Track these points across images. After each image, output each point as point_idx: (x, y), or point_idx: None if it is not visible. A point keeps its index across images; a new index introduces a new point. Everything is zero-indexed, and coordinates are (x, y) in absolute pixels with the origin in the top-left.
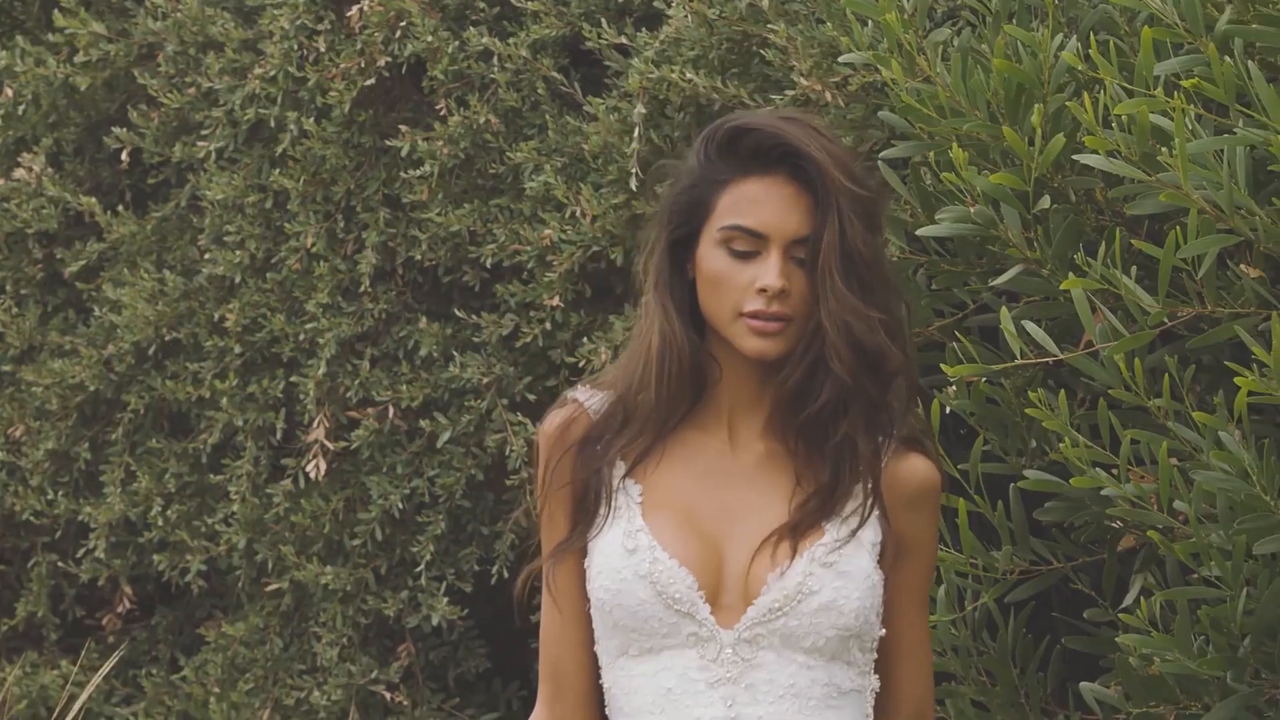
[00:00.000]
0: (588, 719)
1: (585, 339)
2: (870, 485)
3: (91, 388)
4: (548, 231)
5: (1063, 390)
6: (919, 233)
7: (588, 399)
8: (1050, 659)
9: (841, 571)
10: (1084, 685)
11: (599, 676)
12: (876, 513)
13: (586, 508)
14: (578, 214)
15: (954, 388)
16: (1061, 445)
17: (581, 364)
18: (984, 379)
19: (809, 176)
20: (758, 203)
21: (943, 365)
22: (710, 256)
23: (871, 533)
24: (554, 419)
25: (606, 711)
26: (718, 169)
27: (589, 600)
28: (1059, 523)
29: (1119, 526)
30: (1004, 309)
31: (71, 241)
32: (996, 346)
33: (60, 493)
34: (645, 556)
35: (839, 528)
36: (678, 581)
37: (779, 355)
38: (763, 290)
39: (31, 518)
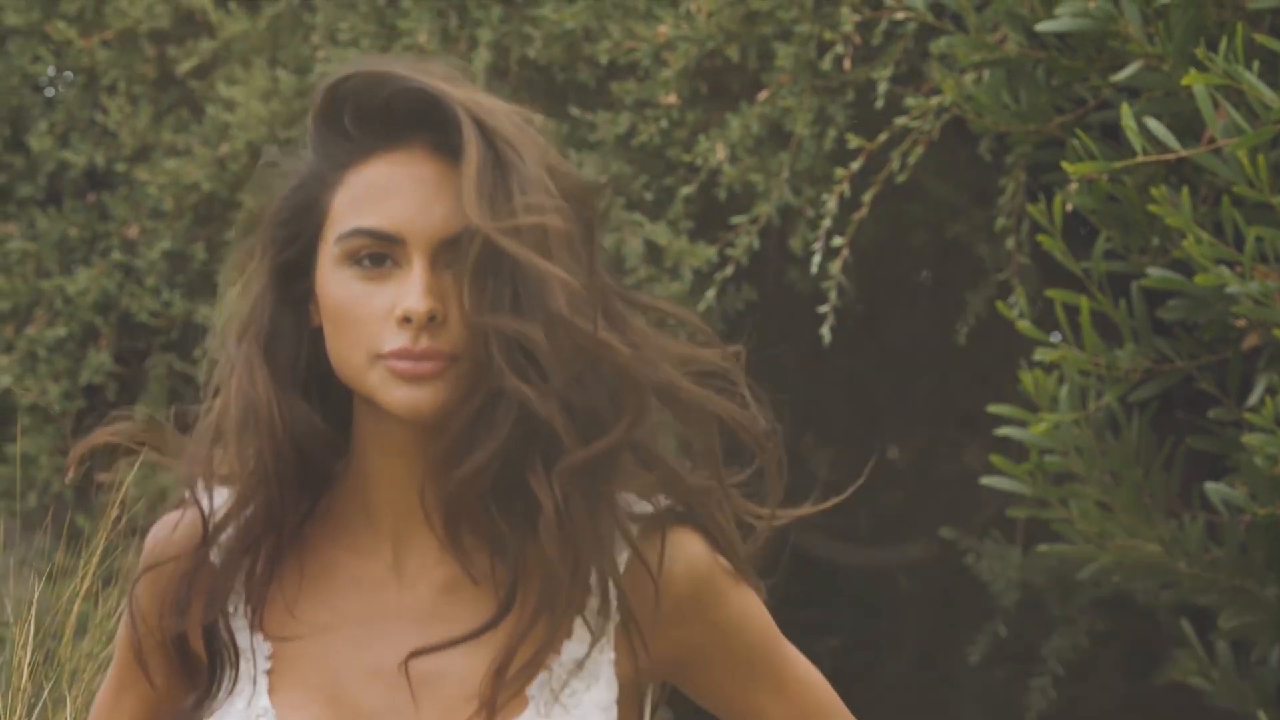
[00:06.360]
0: None
1: (701, 137)
2: (602, 601)
3: (206, 187)
4: (663, 28)
5: (1185, 187)
6: (1038, 28)
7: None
8: (1174, 459)
9: None
10: (1209, 485)
11: None
12: (610, 655)
13: (193, 666)
14: (692, 10)
15: (1075, 185)
16: (1185, 242)
17: (699, 162)
18: (1105, 175)
19: (458, 144)
20: (386, 192)
21: (1063, 163)
22: (332, 282)
23: (602, 690)
24: (160, 533)
25: None
26: (328, 153)
27: None
28: (1182, 321)
29: (1243, 325)
30: (1125, 105)
31: (184, 39)
32: (1117, 143)
33: (176, 293)
34: None
35: (551, 685)
36: None
37: (439, 409)
38: (405, 319)
39: (148, 319)
